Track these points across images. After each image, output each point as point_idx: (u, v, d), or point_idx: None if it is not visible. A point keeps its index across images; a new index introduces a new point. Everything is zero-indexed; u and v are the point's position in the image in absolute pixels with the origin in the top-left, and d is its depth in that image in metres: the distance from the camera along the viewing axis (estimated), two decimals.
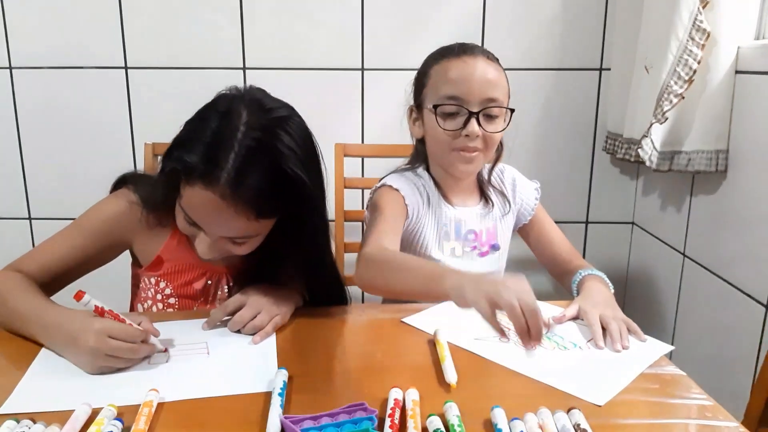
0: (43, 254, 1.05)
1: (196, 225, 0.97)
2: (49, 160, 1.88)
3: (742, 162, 1.43)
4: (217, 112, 0.94)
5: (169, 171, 0.94)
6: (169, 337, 0.96)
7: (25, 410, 0.76)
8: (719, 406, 0.81)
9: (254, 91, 0.99)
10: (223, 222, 0.94)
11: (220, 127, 0.92)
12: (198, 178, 0.91)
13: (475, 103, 1.12)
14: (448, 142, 1.15)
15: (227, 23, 1.79)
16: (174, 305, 1.11)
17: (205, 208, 0.93)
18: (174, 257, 1.11)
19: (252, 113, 0.93)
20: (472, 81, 1.12)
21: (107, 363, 0.85)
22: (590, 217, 1.98)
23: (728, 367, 1.49)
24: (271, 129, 0.93)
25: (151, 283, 1.11)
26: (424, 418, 0.74)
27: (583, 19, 1.82)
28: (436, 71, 1.17)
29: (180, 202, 0.96)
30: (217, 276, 1.13)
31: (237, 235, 0.97)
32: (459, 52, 1.15)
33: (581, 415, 0.75)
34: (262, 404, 0.79)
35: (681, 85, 1.44)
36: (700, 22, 1.40)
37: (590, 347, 0.97)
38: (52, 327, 0.90)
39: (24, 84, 1.82)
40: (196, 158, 0.90)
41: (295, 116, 0.98)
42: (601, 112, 1.89)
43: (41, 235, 1.93)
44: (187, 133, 0.96)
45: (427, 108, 1.17)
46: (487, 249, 1.27)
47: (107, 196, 1.11)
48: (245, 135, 0.91)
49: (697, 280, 1.62)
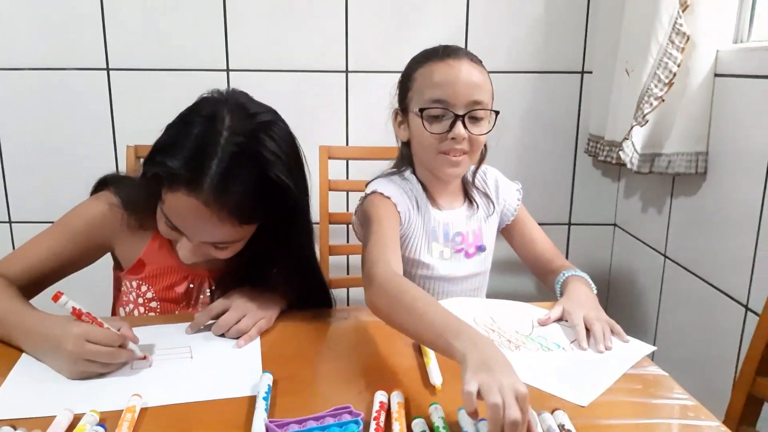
0: (23, 257, 1.04)
1: (177, 230, 0.96)
2: (29, 162, 1.85)
3: (722, 164, 1.45)
4: (200, 117, 0.92)
5: (152, 176, 0.92)
6: (152, 341, 0.95)
7: (5, 416, 0.75)
8: (701, 405, 0.82)
9: (237, 95, 0.98)
10: (205, 228, 0.93)
11: (203, 132, 0.90)
12: (181, 185, 0.89)
13: (460, 106, 1.12)
14: (435, 146, 1.15)
15: (211, 25, 1.78)
16: (156, 309, 1.10)
17: (187, 215, 0.92)
18: (156, 260, 1.10)
19: (235, 118, 0.92)
20: (456, 84, 1.11)
21: (86, 368, 0.84)
22: (572, 219, 2.00)
23: (709, 367, 1.51)
24: (255, 134, 0.92)
25: (132, 287, 1.10)
26: (409, 421, 0.74)
27: (565, 22, 1.83)
28: (420, 74, 1.16)
29: (162, 207, 0.95)
30: (200, 279, 1.12)
31: (220, 240, 0.97)
32: (443, 55, 1.15)
33: (566, 416, 0.76)
34: (247, 408, 0.78)
35: (661, 88, 1.46)
36: (680, 25, 1.42)
37: (573, 348, 0.98)
38: (31, 332, 0.89)
39: (4, 85, 1.80)
40: (179, 164, 0.89)
41: (279, 121, 0.98)
42: (583, 114, 1.90)
43: (22, 238, 1.89)
44: (169, 138, 0.94)
45: (413, 111, 1.16)
46: (473, 250, 1.28)
47: (88, 198, 1.10)
48: (228, 140, 0.90)
49: (678, 281, 1.64)
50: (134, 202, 1.04)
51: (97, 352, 0.84)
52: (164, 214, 0.95)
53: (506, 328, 1.03)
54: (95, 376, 0.85)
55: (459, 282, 1.26)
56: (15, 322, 0.91)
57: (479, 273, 1.29)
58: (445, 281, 1.25)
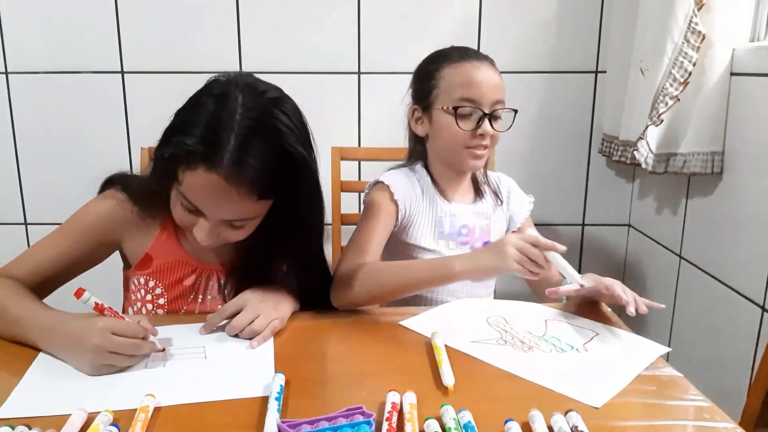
0: (32, 258, 1.05)
1: (194, 212, 0.97)
2: (45, 165, 1.87)
3: (738, 164, 1.44)
4: (212, 97, 0.95)
5: (169, 157, 0.93)
6: (166, 341, 0.95)
7: (20, 415, 0.76)
8: (716, 407, 0.81)
9: (245, 76, 1.00)
10: (225, 204, 0.94)
11: (217, 110, 0.92)
12: (200, 161, 0.90)
13: (486, 105, 1.19)
14: (462, 141, 1.21)
15: (224, 27, 1.79)
16: (164, 306, 1.11)
17: (207, 191, 0.93)
18: (163, 254, 1.10)
19: (247, 96, 0.94)
20: (483, 84, 1.19)
21: (109, 361, 0.85)
22: (586, 219, 1.98)
23: (725, 368, 1.49)
24: (268, 109, 0.94)
25: (140, 284, 1.11)
26: (421, 422, 0.74)
27: (579, 22, 1.83)
28: (448, 74, 1.21)
29: (179, 189, 0.95)
30: (208, 273, 1.13)
31: (238, 217, 0.97)
32: (466, 56, 1.22)
33: (579, 418, 0.75)
34: (259, 409, 0.78)
35: (676, 87, 1.45)
36: (695, 24, 1.41)
37: (587, 349, 0.97)
38: (51, 330, 0.90)
39: (20, 89, 1.82)
40: (197, 140, 0.90)
41: (286, 97, 1.00)
42: (597, 114, 1.89)
43: (37, 240, 1.92)
44: (182, 119, 0.96)
45: (441, 109, 1.22)
46: (479, 245, 1.29)
47: (94, 198, 1.11)
48: (243, 116, 0.92)
49: (693, 281, 1.62)
50: (142, 193, 1.05)
51: (122, 344, 0.85)
52: (182, 194, 0.95)
53: (519, 329, 1.03)
54: (113, 371, 0.86)
55: None
56: (32, 322, 0.92)
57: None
58: None
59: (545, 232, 1.95)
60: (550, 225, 1.97)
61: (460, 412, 0.75)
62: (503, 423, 0.74)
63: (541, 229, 1.93)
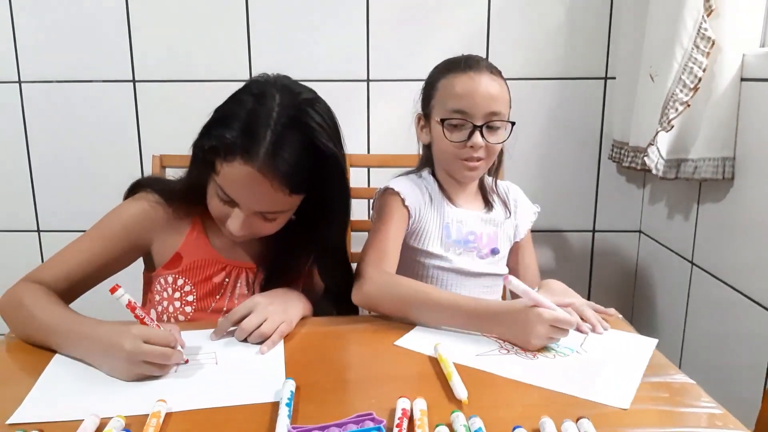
0: (62, 263, 1.06)
1: (230, 202, 1.02)
2: (57, 173, 1.89)
3: (749, 169, 1.43)
4: (252, 95, 1.01)
5: (208, 149, 0.99)
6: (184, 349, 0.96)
7: (33, 420, 0.77)
8: (729, 414, 0.80)
9: (282, 78, 1.07)
10: (260, 195, 0.99)
11: (255, 107, 0.99)
12: (237, 154, 0.96)
13: (479, 117, 1.18)
14: (454, 152, 1.22)
15: (234, 36, 1.80)
16: (192, 303, 1.12)
17: (243, 182, 0.98)
18: (193, 253, 1.13)
19: (284, 95, 1.01)
20: (476, 96, 1.18)
21: (142, 369, 0.86)
22: (597, 225, 1.98)
23: (738, 375, 1.48)
24: (303, 108, 1.01)
25: (168, 283, 1.13)
26: (432, 428, 0.74)
27: (588, 28, 1.82)
28: (443, 85, 1.22)
29: (216, 179, 1.01)
30: (237, 271, 1.15)
31: (271, 209, 1.03)
32: (465, 67, 1.21)
33: (590, 424, 0.75)
34: (270, 414, 0.78)
35: (686, 93, 1.44)
36: (705, 30, 1.40)
37: (586, 351, 0.99)
38: (86, 337, 0.91)
39: (33, 98, 1.84)
40: (236, 134, 0.97)
41: (320, 98, 1.07)
42: (607, 120, 1.89)
43: (50, 247, 1.94)
44: (222, 114, 1.02)
45: (435, 119, 1.23)
46: (487, 252, 1.31)
47: (125, 201, 1.14)
48: (280, 114, 0.98)
49: (705, 288, 1.61)
50: (175, 191, 1.11)
51: (152, 352, 0.86)
52: (218, 185, 1.01)
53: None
54: (146, 378, 0.87)
55: (471, 277, 1.29)
56: (66, 328, 0.93)
57: (492, 273, 1.32)
58: (457, 274, 1.28)
59: (556, 239, 1.97)
60: (560, 231, 1.97)
61: (471, 419, 0.75)
62: (512, 430, 0.74)
63: (552, 236, 1.95)
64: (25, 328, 0.98)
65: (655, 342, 1.01)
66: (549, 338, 0.97)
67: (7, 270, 1.09)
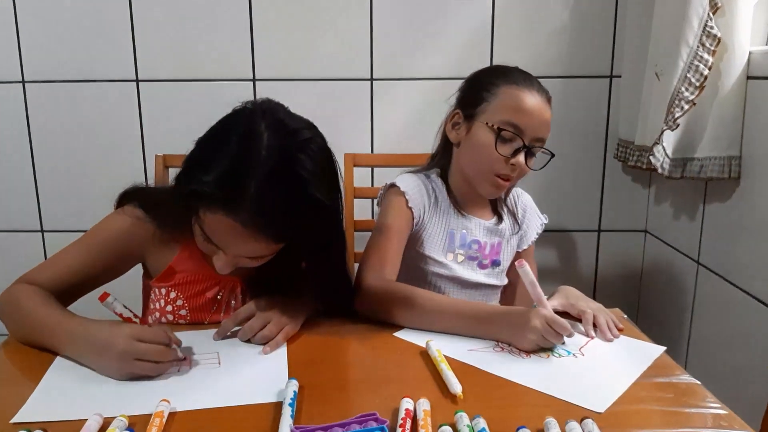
0: (55, 268, 1.05)
1: (214, 243, 0.96)
2: (61, 172, 1.89)
3: (756, 168, 1.42)
4: (237, 135, 0.91)
5: (189, 193, 0.91)
6: (181, 348, 0.95)
7: (37, 420, 0.77)
8: (735, 415, 0.80)
9: (274, 109, 0.96)
10: (242, 245, 0.94)
11: (240, 152, 0.90)
12: (219, 205, 0.89)
13: (529, 137, 1.17)
14: (490, 164, 1.18)
15: (237, 35, 1.80)
16: (185, 317, 1.11)
17: (225, 233, 0.92)
18: (186, 268, 1.11)
19: (273, 135, 0.91)
20: (534, 116, 1.16)
21: (136, 368, 0.86)
22: (602, 225, 1.97)
23: (744, 376, 1.47)
24: (294, 155, 0.91)
25: (161, 294, 1.11)
26: (435, 428, 0.74)
27: (593, 26, 1.82)
28: (505, 92, 1.17)
29: (198, 222, 0.95)
30: (230, 285, 1.13)
31: (255, 255, 0.98)
32: (527, 83, 1.18)
33: (594, 425, 0.74)
34: (273, 414, 0.78)
35: (692, 92, 1.43)
36: (711, 28, 1.40)
37: (584, 354, 0.98)
38: (79, 336, 0.90)
39: (36, 97, 1.84)
40: (218, 185, 0.88)
41: (317, 137, 0.97)
42: (612, 119, 1.88)
43: (53, 247, 1.92)
44: (205, 155, 0.93)
45: (483, 122, 1.18)
46: (488, 263, 1.29)
47: (112, 212, 1.10)
48: (267, 159, 0.89)
49: (711, 287, 1.60)
50: (163, 217, 1.04)
51: (146, 350, 0.86)
52: (201, 229, 0.95)
53: None
54: (141, 377, 0.87)
55: (469, 287, 1.27)
56: (60, 328, 0.93)
57: (490, 285, 1.30)
58: (455, 283, 1.26)
59: (561, 239, 1.96)
60: (565, 231, 1.96)
61: (474, 419, 0.75)
62: (516, 430, 0.73)
63: (558, 236, 1.94)
64: (21, 329, 0.98)
65: (662, 349, 0.99)
66: (543, 337, 0.96)
67: (10, 270, 1.08)
